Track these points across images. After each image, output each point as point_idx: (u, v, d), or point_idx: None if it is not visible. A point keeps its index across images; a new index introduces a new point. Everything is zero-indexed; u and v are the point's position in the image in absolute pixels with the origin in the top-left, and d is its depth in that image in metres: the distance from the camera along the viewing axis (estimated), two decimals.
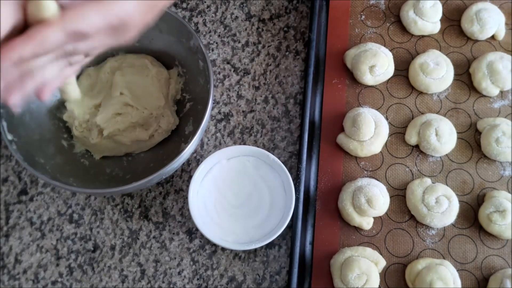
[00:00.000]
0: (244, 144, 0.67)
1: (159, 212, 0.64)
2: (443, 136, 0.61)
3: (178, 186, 0.65)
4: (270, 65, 0.71)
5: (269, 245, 0.61)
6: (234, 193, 0.59)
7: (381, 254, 0.58)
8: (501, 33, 0.69)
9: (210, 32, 0.73)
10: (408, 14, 0.68)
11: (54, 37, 0.32)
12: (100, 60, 0.66)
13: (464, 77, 0.68)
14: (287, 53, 0.72)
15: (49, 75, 0.36)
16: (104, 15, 0.33)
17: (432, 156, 0.63)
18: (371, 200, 0.58)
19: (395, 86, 0.67)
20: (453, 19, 0.71)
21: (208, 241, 0.62)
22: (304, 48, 0.72)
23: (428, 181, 0.61)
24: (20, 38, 0.31)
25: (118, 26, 0.35)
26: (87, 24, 0.33)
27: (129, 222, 0.63)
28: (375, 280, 0.55)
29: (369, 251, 0.57)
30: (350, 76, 0.67)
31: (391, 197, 0.61)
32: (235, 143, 0.67)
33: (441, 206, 0.58)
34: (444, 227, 0.60)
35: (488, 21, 0.67)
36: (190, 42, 0.60)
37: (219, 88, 0.70)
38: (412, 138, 0.63)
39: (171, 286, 0.60)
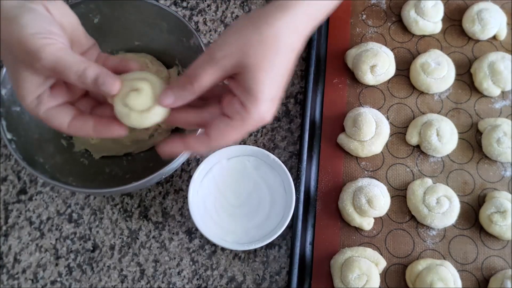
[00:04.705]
0: (244, 143, 0.66)
1: (159, 212, 0.63)
2: (444, 137, 0.61)
3: (178, 185, 0.65)
4: None
5: (269, 245, 0.61)
6: (234, 193, 0.59)
7: (381, 254, 0.58)
8: (503, 33, 0.68)
9: (210, 31, 0.73)
10: (409, 14, 0.68)
11: (200, 150, 0.42)
12: None
13: (465, 77, 0.67)
14: None
15: None
16: (242, 133, 0.41)
17: (433, 157, 0.63)
18: (372, 201, 0.57)
19: (396, 86, 0.67)
20: (454, 19, 0.70)
21: (208, 241, 0.62)
22: (305, 48, 0.71)
23: (429, 181, 0.61)
24: (177, 144, 0.42)
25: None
26: (227, 142, 0.41)
27: (129, 222, 0.63)
28: (376, 280, 0.55)
29: (369, 251, 0.57)
30: (351, 76, 0.67)
31: (391, 197, 0.61)
32: (235, 142, 0.66)
33: (442, 206, 0.58)
34: (445, 227, 0.59)
35: (489, 21, 0.67)
36: (190, 41, 0.60)
37: None
38: (413, 138, 0.63)
39: (171, 286, 0.60)
